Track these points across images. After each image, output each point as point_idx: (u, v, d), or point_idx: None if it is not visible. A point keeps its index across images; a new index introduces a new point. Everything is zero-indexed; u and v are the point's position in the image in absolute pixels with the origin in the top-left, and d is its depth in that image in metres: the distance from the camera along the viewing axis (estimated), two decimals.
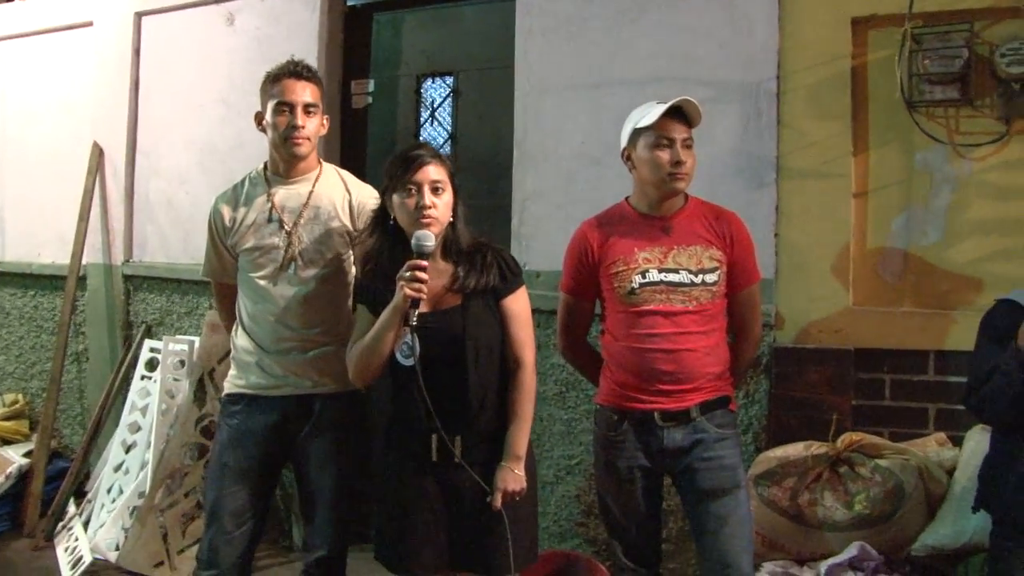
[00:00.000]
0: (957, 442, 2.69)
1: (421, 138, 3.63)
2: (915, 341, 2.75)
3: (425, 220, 2.09)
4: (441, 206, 2.13)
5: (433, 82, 3.62)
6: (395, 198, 2.14)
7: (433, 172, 2.12)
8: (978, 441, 2.52)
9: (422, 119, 3.64)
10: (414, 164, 2.12)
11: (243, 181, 2.49)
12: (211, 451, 2.71)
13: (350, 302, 2.34)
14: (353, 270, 2.42)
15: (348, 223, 2.41)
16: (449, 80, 3.59)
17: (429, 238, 2.08)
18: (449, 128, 3.62)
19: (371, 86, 3.74)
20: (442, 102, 3.63)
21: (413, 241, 2.08)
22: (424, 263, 2.06)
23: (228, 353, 2.59)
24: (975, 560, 2.42)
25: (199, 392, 3.58)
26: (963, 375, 2.60)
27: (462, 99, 3.58)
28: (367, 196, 2.45)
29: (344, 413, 2.42)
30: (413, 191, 2.10)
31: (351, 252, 2.42)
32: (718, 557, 2.24)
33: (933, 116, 2.75)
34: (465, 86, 3.59)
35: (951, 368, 2.73)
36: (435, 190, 2.11)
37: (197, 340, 3.72)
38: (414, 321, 2.04)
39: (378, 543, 2.29)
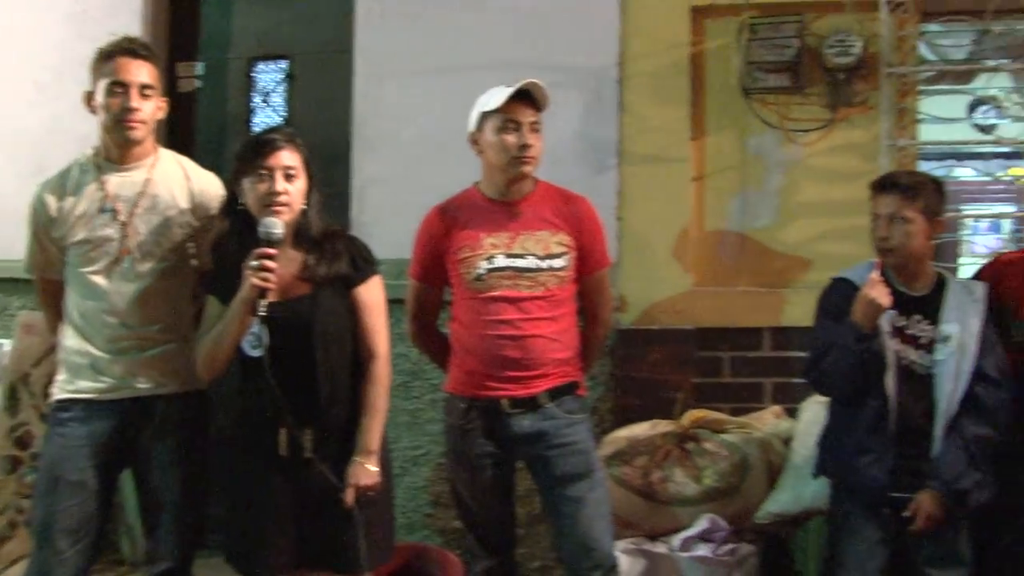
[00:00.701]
0: (792, 413, 3.11)
1: (253, 124, 3.78)
2: (752, 319, 3.21)
3: (275, 207, 2.21)
4: (294, 192, 2.25)
5: (266, 66, 3.83)
6: (246, 183, 2.25)
7: (286, 158, 2.25)
8: (813, 411, 2.91)
9: (254, 104, 3.83)
10: (267, 149, 2.24)
11: (70, 168, 2.49)
12: (40, 464, 2.68)
13: (195, 295, 2.45)
14: (194, 262, 2.48)
15: (189, 213, 2.46)
16: (283, 64, 3.80)
17: (277, 225, 2.19)
18: (283, 114, 3.81)
19: (199, 69, 3.85)
20: (276, 87, 3.83)
21: (260, 228, 2.19)
22: (272, 251, 2.17)
23: (45, 356, 2.78)
24: (813, 523, 2.80)
25: (11, 400, 3.54)
26: (797, 350, 3.04)
27: (297, 84, 3.79)
28: (208, 184, 2.52)
29: (188, 414, 2.48)
30: (265, 176, 2.22)
31: (192, 243, 2.47)
32: (579, 539, 2.48)
33: (766, 103, 3.19)
34: (300, 71, 3.77)
35: (786, 344, 3.19)
36: (288, 176, 2.24)
37: (7, 343, 3.67)
38: (262, 311, 2.16)
39: (228, 545, 2.40)
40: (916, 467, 2.44)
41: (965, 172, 4.07)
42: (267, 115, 3.85)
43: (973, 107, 3.42)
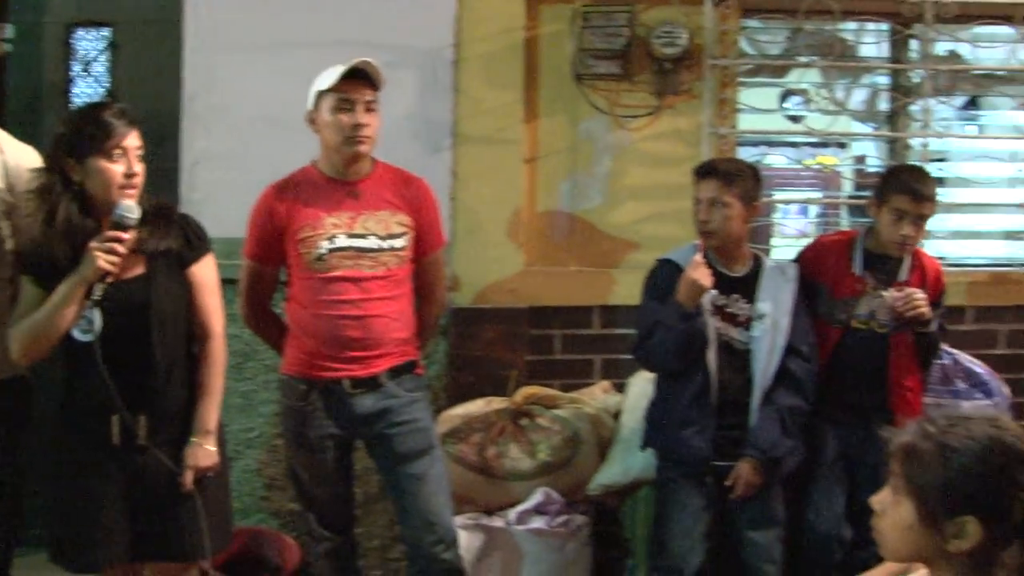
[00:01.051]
0: (620, 389, 3.41)
1: (73, 95, 3.76)
2: (582, 298, 3.46)
3: (131, 191, 2.26)
4: (142, 174, 2.30)
5: (86, 33, 3.79)
6: (92, 163, 2.24)
7: (137, 138, 2.28)
8: (641, 387, 3.20)
9: (73, 74, 3.80)
10: (120, 128, 2.26)
11: None
12: None
13: (11, 278, 2.42)
14: (9, 242, 2.46)
15: (3, 188, 2.45)
16: (105, 32, 3.77)
17: (134, 209, 2.22)
18: (106, 85, 3.79)
19: (9, 31, 3.76)
20: (98, 56, 3.81)
21: (116, 211, 2.21)
22: (125, 236, 2.21)
23: None
24: (641, 493, 3.09)
25: None
26: (625, 328, 3.32)
27: (121, 54, 3.79)
28: (24, 157, 2.49)
29: (5, 403, 2.49)
30: (118, 157, 2.24)
31: (7, 222, 2.46)
32: (421, 515, 2.66)
33: (597, 89, 3.43)
34: (124, 39, 3.75)
35: (614, 321, 3.47)
36: (139, 157, 2.29)
37: None
38: (98, 295, 2.19)
39: (53, 543, 2.39)
40: (736, 437, 2.76)
41: (777, 159, 4.62)
42: (88, 85, 3.79)
43: (784, 98, 3.90)
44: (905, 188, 2.84)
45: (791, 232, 4.04)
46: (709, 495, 2.82)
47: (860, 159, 5.07)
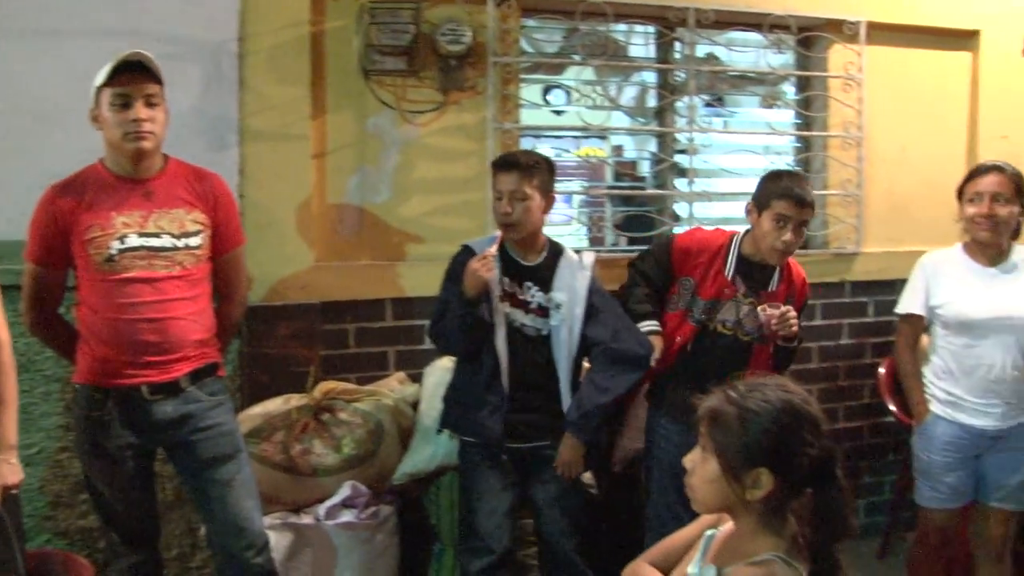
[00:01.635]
0: (415, 379, 3.50)
1: None
2: (373, 291, 3.51)
3: None
4: None
5: None
6: None
7: None
8: (438, 375, 3.32)
9: None
10: None
11: None
12: None
13: None
14: None
15: None
16: None
17: None
18: None
19: None
20: None
21: None
22: None
23: None
24: (444, 479, 3.22)
25: None
26: (417, 319, 3.47)
27: None
28: None
29: None
30: None
31: None
32: (231, 521, 2.64)
33: (384, 84, 3.49)
34: None
35: (407, 313, 3.56)
36: None
37: None
38: None
39: None
40: (534, 421, 2.93)
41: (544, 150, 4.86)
42: None
43: (546, 92, 4.09)
44: (787, 193, 2.94)
45: (560, 218, 4.24)
46: (508, 475, 2.96)
47: (618, 149, 5.42)
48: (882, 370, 4.18)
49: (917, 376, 3.26)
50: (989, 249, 3.13)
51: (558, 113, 4.27)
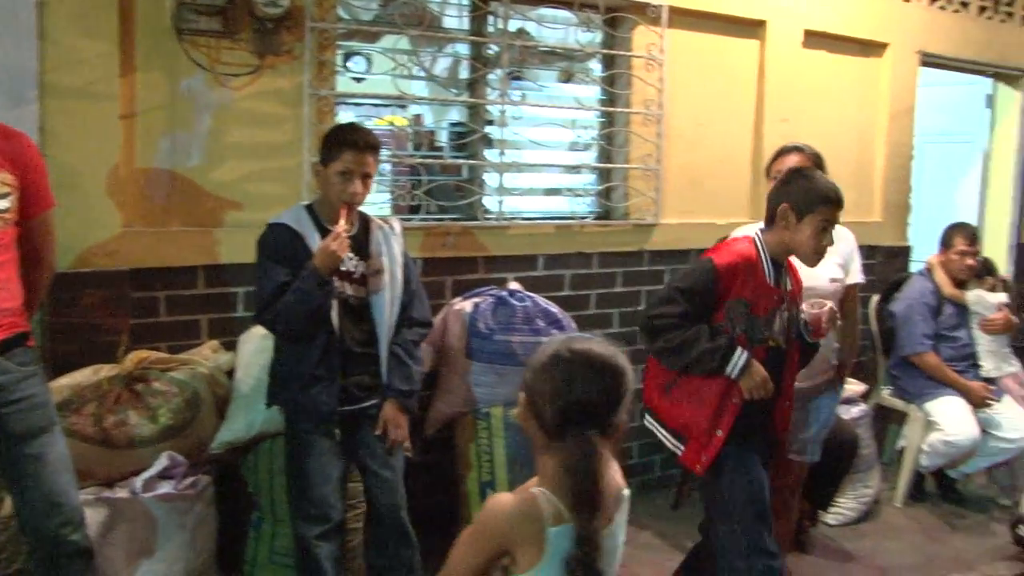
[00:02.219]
0: (228, 347, 3.48)
1: None
2: (186, 258, 3.44)
3: None
4: None
5: None
6: None
7: None
8: (255, 343, 3.33)
9: None
10: None
11: None
12: None
13: None
14: None
15: None
16: None
17: None
18: None
19: None
20: None
21: None
22: None
23: None
24: (263, 447, 3.24)
25: None
26: (232, 287, 3.49)
27: None
28: None
29: None
30: None
31: None
32: (44, 498, 2.55)
33: (197, 45, 3.40)
34: None
35: (220, 281, 3.52)
36: None
37: None
38: None
39: None
40: (364, 383, 3.02)
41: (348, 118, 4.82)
42: None
43: (346, 59, 4.08)
44: (832, 198, 2.86)
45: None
46: (338, 441, 3.02)
47: (417, 118, 5.48)
48: None
49: None
50: None
51: (358, 80, 4.26)
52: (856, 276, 3.48)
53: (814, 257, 2.89)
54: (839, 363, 3.52)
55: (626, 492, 1.96)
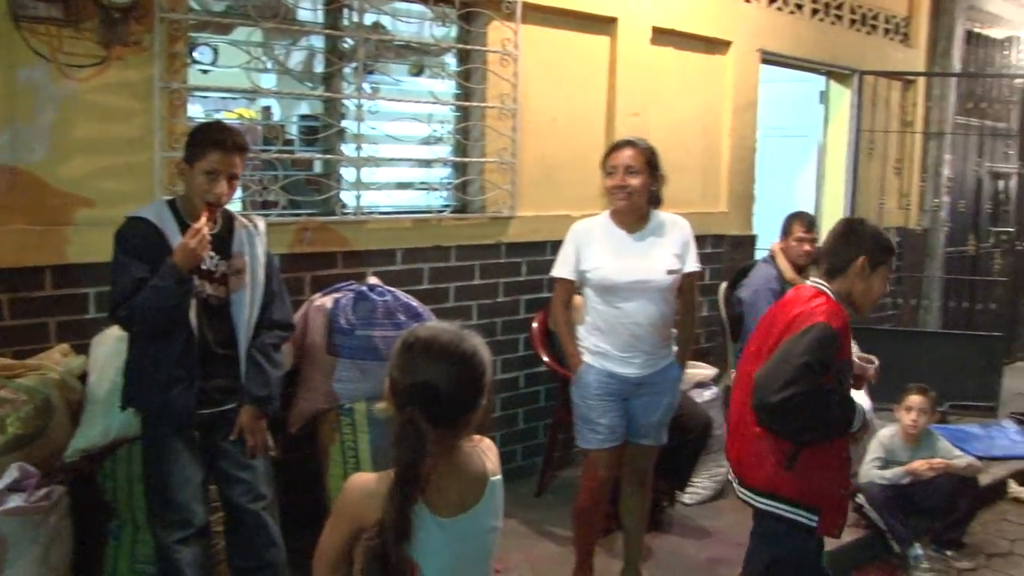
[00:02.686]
0: (80, 350, 3.36)
1: None
2: (31, 258, 3.30)
3: None
4: None
5: None
6: None
7: None
8: (109, 346, 3.22)
9: None
10: None
11: None
12: None
13: None
14: None
15: None
16: None
17: None
18: None
19: None
20: None
21: None
22: None
23: None
24: (120, 453, 3.15)
25: None
26: (82, 287, 3.36)
27: None
28: None
29: None
30: None
31: None
32: None
33: (37, 33, 3.25)
34: None
35: (71, 281, 3.39)
36: None
37: None
38: None
39: None
40: (224, 386, 2.98)
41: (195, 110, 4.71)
42: None
43: (192, 49, 4.00)
44: (892, 249, 3.02)
45: None
46: (198, 444, 2.98)
47: (266, 111, 5.42)
48: (535, 325, 4.57)
49: (571, 331, 3.60)
50: (628, 217, 3.50)
51: (205, 72, 4.17)
52: (692, 265, 3.58)
53: (871, 308, 3.01)
54: (678, 349, 3.65)
55: (494, 479, 2.00)
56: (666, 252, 3.46)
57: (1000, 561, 4.49)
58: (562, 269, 3.57)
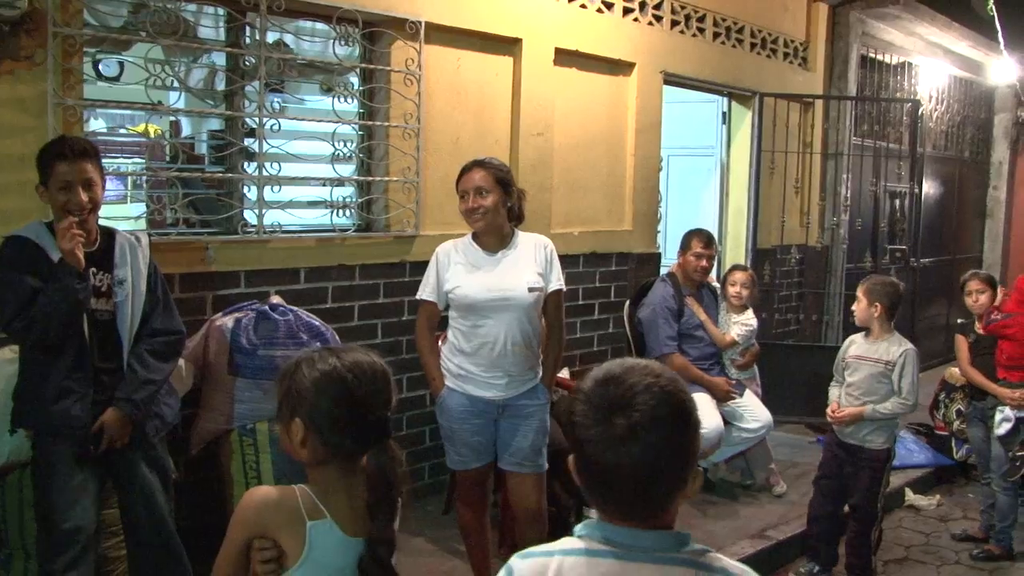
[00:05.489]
0: None
1: None
2: None
3: None
4: None
5: None
6: None
7: None
8: (2, 369, 3.13)
9: None
10: None
11: None
12: None
13: None
14: None
15: None
16: None
17: None
18: None
19: None
20: None
21: None
22: None
23: None
24: (11, 478, 3.12)
25: None
26: None
27: None
28: None
29: None
30: None
31: None
32: None
33: None
34: None
35: None
36: None
37: None
38: None
39: None
40: (109, 399, 2.98)
41: (97, 124, 4.64)
42: None
43: (97, 63, 3.96)
44: None
45: (113, 197, 4.15)
46: (91, 463, 2.98)
47: (176, 125, 5.39)
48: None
49: (433, 354, 3.64)
50: (489, 237, 3.56)
51: (110, 86, 4.13)
52: (556, 283, 3.64)
53: None
54: (543, 371, 3.67)
55: None
56: (528, 270, 3.53)
57: (895, 567, 4.66)
58: (424, 291, 3.64)
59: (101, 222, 3.13)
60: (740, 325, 5.25)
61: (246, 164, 4.19)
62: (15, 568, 3.18)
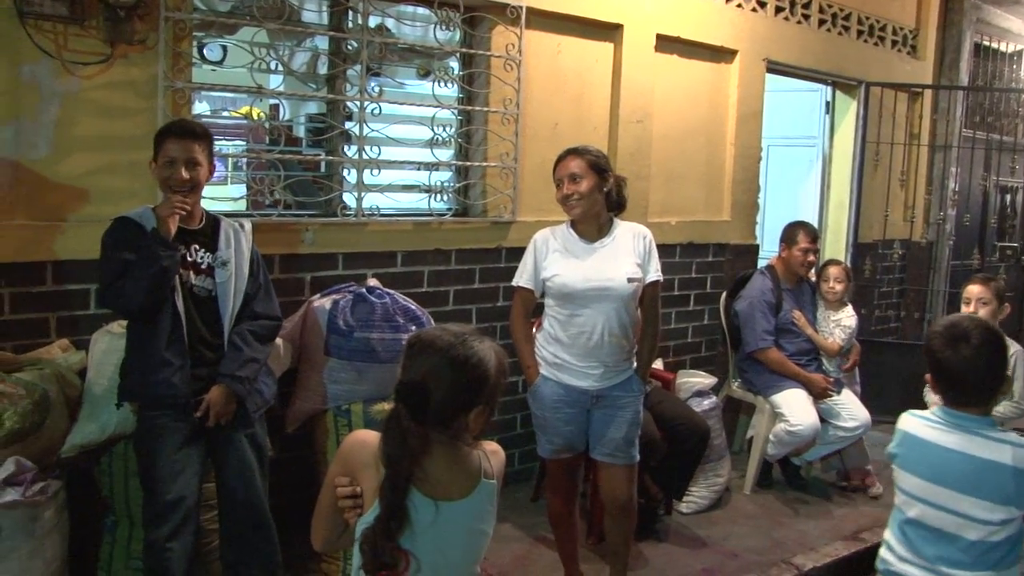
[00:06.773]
0: (79, 346, 3.42)
1: None
2: (31, 253, 3.36)
3: None
4: None
5: None
6: None
7: None
8: (106, 342, 3.29)
9: None
10: None
11: None
12: None
13: None
14: None
15: None
16: None
17: None
18: None
19: None
20: None
21: None
22: None
23: None
24: (117, 449, 3.21)
25: None
26: (80, 283, 3.42)
27: None
28: None
29: None
30: None
31: None
32: None
33: (43, 30, 3.32)
34: None
35: (69, 277, 3.44)
36: None
37: None
38: None
39: None
40: (208, 374, 3.08)
41: (202, 107, 4.75)
42: None
43: (201, 47, 4.05)
44: None
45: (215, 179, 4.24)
46: (194, 433, 3.06)
47: (275, 108, 5.46)
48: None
49: (528, 341, 3.62)
50: (587, 225, 3.53)
51: (214, 70, 4.22)
52: (654, 275, 3.59)
53: None
54: (639, 362, 3.64)
55: (487, 481, 2.05)
56: (627, 260, 3.49)
57: None
58: (521, 278, 3.62)
59: (203, 204, 3.20)
60: (839, 326, 5.10)
61: (346, 147, 4.22)
62: (120, 535, 3.28)
